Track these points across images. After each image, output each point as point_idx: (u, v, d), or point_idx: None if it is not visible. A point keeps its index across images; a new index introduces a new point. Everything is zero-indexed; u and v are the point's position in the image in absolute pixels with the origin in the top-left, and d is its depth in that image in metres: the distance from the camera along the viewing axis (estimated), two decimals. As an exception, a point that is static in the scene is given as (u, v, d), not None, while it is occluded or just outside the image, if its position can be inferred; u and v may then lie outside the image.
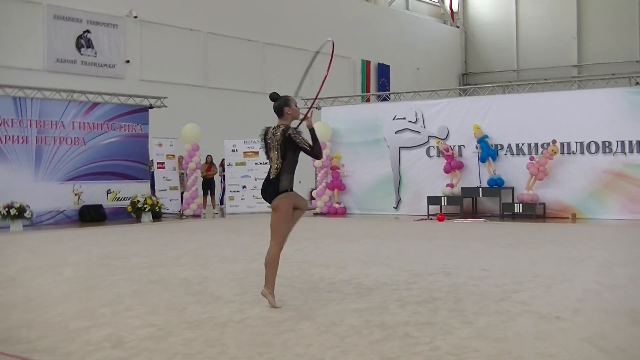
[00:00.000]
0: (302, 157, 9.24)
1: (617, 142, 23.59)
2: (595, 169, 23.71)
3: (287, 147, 9.32)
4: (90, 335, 7.85)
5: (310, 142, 9.22)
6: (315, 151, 9.28)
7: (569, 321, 8.13)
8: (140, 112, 27.57)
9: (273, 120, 9.41)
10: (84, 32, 31.49)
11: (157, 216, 26.40)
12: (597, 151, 23.92)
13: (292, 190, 9.44)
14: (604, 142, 23.81)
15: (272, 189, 9.44)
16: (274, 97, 9.60)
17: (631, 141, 23.36)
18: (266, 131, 9.70)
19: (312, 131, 9.49)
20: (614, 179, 23.55)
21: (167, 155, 29.12)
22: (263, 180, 9.66)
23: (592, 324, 7.98)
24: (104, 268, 13.28)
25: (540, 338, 7.35)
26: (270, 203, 9.45)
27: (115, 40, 32.66)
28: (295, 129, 9.35)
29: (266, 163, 9.54)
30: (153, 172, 28.25)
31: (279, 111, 9.53)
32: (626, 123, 23.42)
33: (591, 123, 23.91)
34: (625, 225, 21.53)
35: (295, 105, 9.52)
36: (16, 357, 7.02)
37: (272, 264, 9.38)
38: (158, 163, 28.68)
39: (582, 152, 24.14)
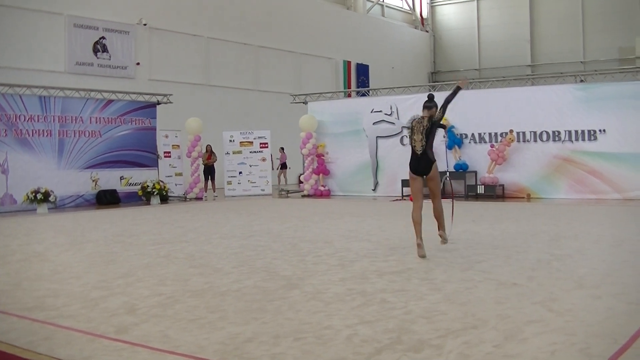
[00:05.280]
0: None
1: (565, 131, 23.65)
2: (547, 155, 23.78)
3: (432, 130, 10.76)
4: (108, 303, 7.88)
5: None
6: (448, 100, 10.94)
7: (524, 287, 8.18)
8: (149, 108, 27.51)
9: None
10: (100, 38, 31.39)
11: (164, 199, 26.40)
12: (548, 139, 23.98)
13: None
14: (554, 132, 23.86)
15: (426, 160, 10.83)
16: (431, 97, 11.14)
17: (577, 131, 23.43)
18: (412, 120, 11.08)
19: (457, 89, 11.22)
20: (562, 164, 23.62)
21: (172, 145, 29.11)
22: (411, 158, 11.08)
23: (544, 289, 8.02)
24: (118, 245, 13.28)
25: (499, 302, 7.39)
26: (426, 173, 10.84)
27: (127, 45, 32.56)
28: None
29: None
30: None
31: (428, 108, 10.85)
32: (573, 115, 23.50)
33: (543, 115, 23.97)
34: (572, 204, 21.58)
35: (436, 109, 10.88)
36: (45, 323, 7.04)
37: (442, 213, 10.96)
38: (165, 152, 28.64)
39: (535, 140, 24.20)
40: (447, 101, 10.89)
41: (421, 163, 10.90)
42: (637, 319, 6.60)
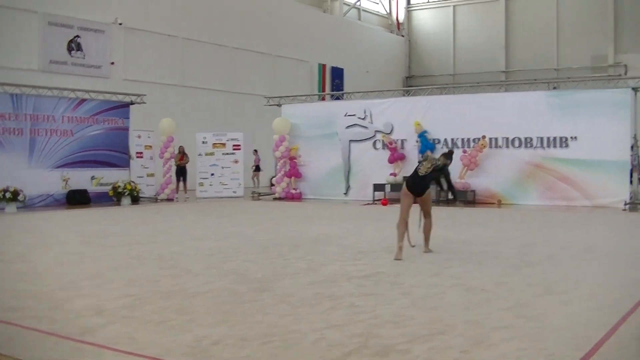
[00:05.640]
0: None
1: (537, 138, 23.77)
2: (519, 161, 23.89)
3: (441, 171, 12.04)
4: (74, 304, 7.82)
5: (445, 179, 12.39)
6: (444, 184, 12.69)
7: (493, 293, 8.21)
8: (122, 108, 27.29)
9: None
10: (75, 37, 31.12)
11: (135, 200, 26.21)
12: (520, 146, 24.10)
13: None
14: (526, 138, 23.98)
15: (423, 185, 11.76)
16: (452, 152, 12.57)
17: (549, 137, 23.56)
18: (429, 156, 12.18)
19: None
20: (534, 170, 23.75)
21: (145, 145, 28.93)
22: (411, 176, 12.09)
23: (513, 295, 8.06)
24: (87, 245, 13.19)
25: (468, 307, 7.42)
26: (420, 195, 11.73)
27: (102, 44, 32.31)
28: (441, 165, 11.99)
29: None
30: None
31: (446, 157, 12.17)
32: (545, 122, 23.64)
33: (516, 121, 24.08)
34: (543, 210, 21.72)
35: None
36: (8, 323, 6.97)
37: (430, 230, 11.96)
38: (137, 153, 28.46)
39: (507, 147, 24.30)
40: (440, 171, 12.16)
41: (419, 184, 11.76)
42: (604, 324, 6.65)
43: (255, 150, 34.42)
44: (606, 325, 6.62)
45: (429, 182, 11.87)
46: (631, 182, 22.74)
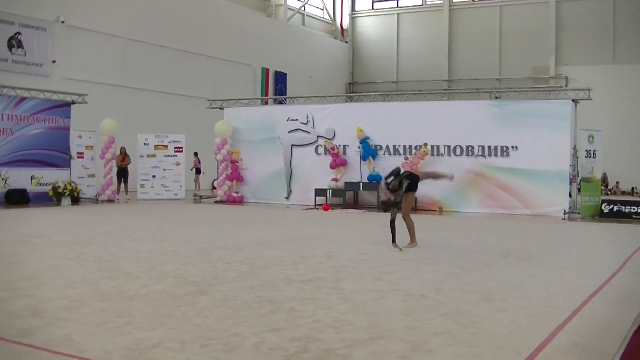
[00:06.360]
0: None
1: (478, 146, 24.08)
2: (460, 169, 24.00)
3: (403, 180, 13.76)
4: (11, 305, 7.72)
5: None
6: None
7: (431, 299, 8.31)
8: (63, 107, 27.00)
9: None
10: (15, 33, 30.69)
11: (75, 200, 25.93)
12: (461, 154, 24.38)
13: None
14: (467, 146, 24.27)
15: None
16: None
17: (490, 146, 23.89)
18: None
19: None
20: (474, 178, 24.04)
21: (86, 146, 28.63)
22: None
23: (451, 301, 8.17)
24: (25, 246, 13.02)
25: (406, 313, 7.50)
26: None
27: (44, 42, 31.89)
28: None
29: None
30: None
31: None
32: (486, 130, 23.95)
33: (457, 129, 24.36)
34: (483, 218, 22.01)
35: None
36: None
37: (413, 227, 13.92)
38: (78, 153, 28.16)
39: (449, 154, 24.56)
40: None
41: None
42: (540, 332, 6.77)
43: (196, 153, 34.26)
44: (544, 332, 6.74)
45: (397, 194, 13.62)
46: (570, 192, 23.13)
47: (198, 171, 34.85)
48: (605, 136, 25.45)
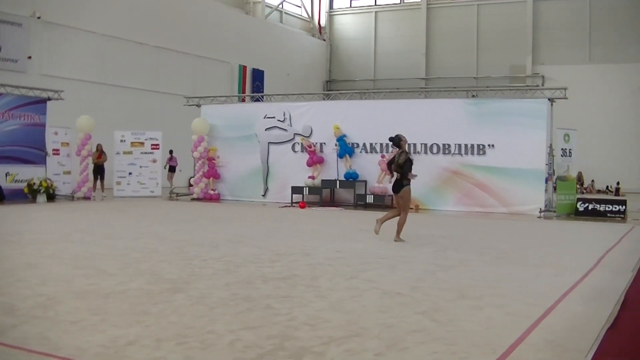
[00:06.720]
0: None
1: (455, 145, 24.16)
2: (437, 167, 24.19)
3: (405, 163, 14.06)
4: (-17, 303, 7.67)
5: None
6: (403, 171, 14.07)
7: (408, 296, 8.33)
8: (39, 104, 26.75)
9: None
10: (-10, 29, 30.60)
11: (51, 197, 25.76)
12: (438, 152, 24.44)
13: (408, 185, 14.08)
14: (444, 145, 24.34)
15: (398, 184, 14.15)
16: (393, 138, 14.77)
17: (467, 144, 23.97)
18: (395, 155, 14.54)
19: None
20: (451, 176, 24.11)
21: (62, 143, 28.46)
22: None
23: (427, 299, 8.19)
24: (0, 243, 12.95)
25: (383, 311, 7.51)
26: (397, 193, 14.19)
27: (19, 38, 31.69)
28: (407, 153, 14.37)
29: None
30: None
31: (397, 144, 14.58)
32: (463, 129, 24.03)
33: (434, 128, 24.42)
34: (460, 216, 22.09)
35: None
36: None
37: (403, 224, 14.17)
38: (53, 150, 27.98)
39: (425, 153, 24.61)
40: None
41: (395, 184, 14.29)
42: (516, 329, 6.80)
43: (171, 151, 34.15)
44: (519, 329, 6.77)
45: (402, 180, 14.01)
46: (546, 190, 23.25)
47: (172, 169, 34.74)
48: (580, 135, 25.58)
